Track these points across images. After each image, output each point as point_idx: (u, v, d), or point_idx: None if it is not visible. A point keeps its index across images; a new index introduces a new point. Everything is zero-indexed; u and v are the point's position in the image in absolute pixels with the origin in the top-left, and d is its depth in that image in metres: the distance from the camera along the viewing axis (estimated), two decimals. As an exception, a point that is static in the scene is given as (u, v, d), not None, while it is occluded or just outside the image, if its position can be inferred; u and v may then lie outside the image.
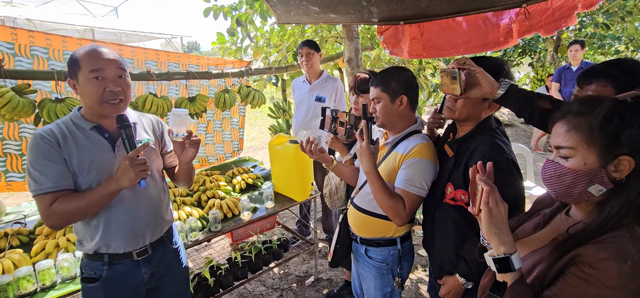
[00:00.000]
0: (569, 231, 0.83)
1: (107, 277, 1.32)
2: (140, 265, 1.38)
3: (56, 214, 1.19)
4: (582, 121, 0.78)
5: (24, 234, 2.09)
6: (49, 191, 1.18)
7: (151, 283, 1.44)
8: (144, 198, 1.36)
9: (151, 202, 1.39)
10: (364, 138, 1.32)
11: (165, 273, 1.48)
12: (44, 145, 1.19)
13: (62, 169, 1.21)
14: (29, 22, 6.39)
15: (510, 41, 2.40)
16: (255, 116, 10.70)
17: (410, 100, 1.44)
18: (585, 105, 0.79)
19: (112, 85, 1.24)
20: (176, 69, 2.93)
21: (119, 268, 1.34)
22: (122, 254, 1.33)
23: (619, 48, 8.58)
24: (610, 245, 0.74)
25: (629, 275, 0.69)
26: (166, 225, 1.49)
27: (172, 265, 1.51)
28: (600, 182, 0.77)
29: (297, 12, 2.40)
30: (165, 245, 1.48)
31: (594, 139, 0.76)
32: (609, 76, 1.12)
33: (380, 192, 1.31)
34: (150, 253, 1.41)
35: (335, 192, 2.06)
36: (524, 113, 1.14)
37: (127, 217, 1.32)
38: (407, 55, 2.77)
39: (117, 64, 1.26)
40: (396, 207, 1.31)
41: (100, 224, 1.29)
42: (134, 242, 1.35)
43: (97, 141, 1.27)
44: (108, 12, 10.12)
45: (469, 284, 1.29)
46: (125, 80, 1.29)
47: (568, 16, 2.00)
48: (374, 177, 1.32)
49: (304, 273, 2.97)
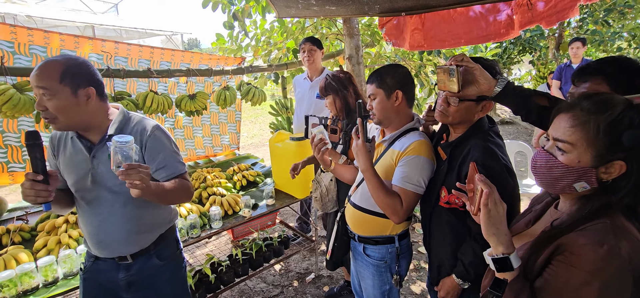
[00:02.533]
0: (553, 223, 0.84)
1: (90, 268, 1.39)
2: (120, 268, 1.37)
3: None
4: (591, 120, 0.76)
5: (26, 230, 2.10)
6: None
7: (129, 293, 1.38)
8: (118, 210, 1.30)
9: (127, 216, 1.31)
10: (360, 136, 1.31)
11: (144, 288, 1.39)
12: (48, 147, 1.29)
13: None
14: (29, 19, 6.39)
15: (512, 33, 2.38)
16: (255, 113, 10.70)
17: (406, 96, 1.44)
18: (598, 104, 0.77)
19: (38, 105, 1.18)
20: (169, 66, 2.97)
21: (100, 265, 1.38)
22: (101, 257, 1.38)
23: (622, 45, 8.54)
24: (590, 231, 0.75)
25: (605, 259, 0.70)
26: (149, 239, 1.38)
27: (154, 280, 1.41)
28: (587, 180, 0.78)
29: (297, 7, 2.39)
30: (149, 258, 1.39)
31: (597, 140, 0.76)
32: (604, 74, 1.11)
33: (377, 190, 1.31)
34: (131, 261, 1.36)
35: (327, 194, 2.05)
36: (521, 111, 1.14)
37: (90, 226, 1.32)
38: (409, 46, 2.75)
39: (37, 81, 1.14)
40: (393, 204, 1.31)
41: (84, 233, 1.37)
42: (106, 250, 1.34)
43: (77, 148, 1.30)
44: (108, 9, 10.11)
45: (465, 284, 1.31)
46: (46, 99, 1.15)
47: (570, 8, 1.97)
48: (371, 174, 1.31)
49: (305, 270, 2.98)
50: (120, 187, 1.26)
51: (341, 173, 1.72)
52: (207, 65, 3.27)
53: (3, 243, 2.01)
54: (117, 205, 1.31)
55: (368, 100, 1.49)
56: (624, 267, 0.70)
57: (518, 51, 8.35)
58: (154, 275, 1.41)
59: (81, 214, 1.35)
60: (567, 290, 0.75)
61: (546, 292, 0.78)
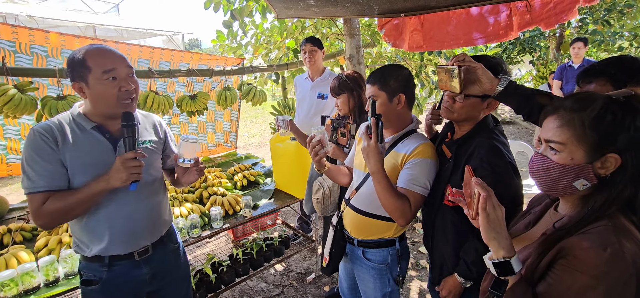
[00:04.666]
0: (555, 225, 0.84)
1: (107, 278, 1.30)
2: (141, 265, 1.36)
3: (46, 213, 1.15)
4: (575, 117, 0.78)
5: (27, 230, 2.11)
6: (41, 190, 1.15)
7: (152, 285, 1.42)
8: (143, 199, 1.33)
9: (150, 204, 1.37)
10: (372, 136, 1.27)
11: (166, 274, 1.46)
12: (41, 142, 1.15)
13: (56, 169, 1.17)
14: (30, 19, 6.41)
15: (510, 34, 2.38)
16: (256, 113, 10.71)
17: (407, 99, 1.42)
18: (579, 102, 0.80)
19: (126, 84, 1.21)
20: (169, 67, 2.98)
21: (118, 269, 1.31)
22: (123, 255, 1.31)
23: (623, 44, 8.52)
24: (592, 234, 0.75)
25: (609, 262, 0.70)
26: (166, 225, 1.47)
27: (173, 264, 1.49)
28: (585, 177, 0.78)
29: (296, 7, 2.40)
30: (165, 245, 1.46)
31: (585, 136, 0.77)
32: (608, 74, 1.12)
33: (386, 192, 1.28)
34: (151, 253, 1.39)
35: (329, 196, 2.01)
36: (523, 110, 1.14)
37: (127, 219, 1.29)
38: (408, 47, 2.76)
39: (127, 62, 1.23)
40: (402, 207, 1.28)
41: (106, 231, 1.27)
42: (134, 243, 1.33)
43: (97, 141, 1.23)
44: (109, 9, 10.13)
45: (467, 283, 1.30)
46: (134, 78, 1.26)
47: (569, 9, 1.97)
48: (381, 177, 1.27)
49: (305, 270, 2.98)
50: (145, 175, 1.31)
51: (335, 175, 1.66)
52: (206, 65, 3.27)
53: (4, 243, 2.02)
54: (144, 194, 1.34)
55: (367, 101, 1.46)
56: (628, 270, 0.70)
57: (517, 51, 8.35)
58: (172, 259, 1.49)
59: (105, 210, 1.26)
60: (571, 294, 0.74)
61: (549, 296, 0.78)
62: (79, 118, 1.24)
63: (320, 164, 1.54)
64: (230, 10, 3.76)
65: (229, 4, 3.76)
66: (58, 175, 1.18)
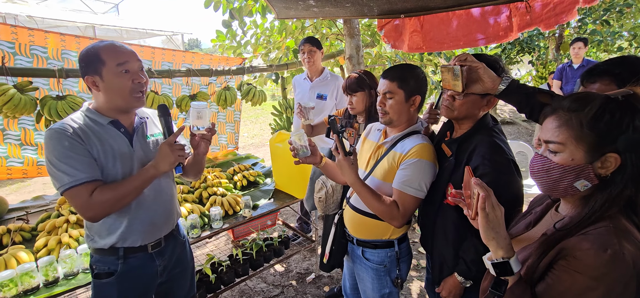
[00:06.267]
0: (556, 225, 0.84)
1: (122, 270, 1.32)
2: (154, 257, 1.40)
3: (96, 204, 1.17)
4: (573, 117, 0.78)
5: (26, 230, 2.10)
6: (85, 181, 1.16)
7: (163, 277, 1.46)
8: (161, 191, 1.38)
9: (166, 195, 1.42)
10: (340, 151, 1.30)
11: (174, 267, 1.50)
12: (69, 138, 1.16)
13: (90, 161, 1.19)
14: (30, 19, 6.41)
15: (510, 35, 2.38)
16: (256, 113, 10.71)
17: (421, 101, 1.42)
18: (577, 102, 0.79)
19: (137, 77, 1.25)
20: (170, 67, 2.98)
21: (133, 261, 1.34)
22: (138, 247, 1.34)
23: (622, 45, 8.53)
24: (593, 235, 0.75)
25: (609, 264, 0.70)
26: (177, 217, 1.52)
27: (181, 256, 1.54)
28: (586, 177, 0.78)
29: (296, 8, 2.40)
30: (175, 238, 1.51)
31: (584, 136, 0.77)
32: (612, 74, 1.12)
33: (370, 199, 1.31)
34: (164, 245, 1.43)
35: (332, 195, 2.01)
36: (525, 108, 1.14)
37: (148, 210, 1.34)
38: (407, 48, 2.76)
39: (137, 57, 1.27)
40: (389, 211, 1.30)
41: (124, 219, 1.29)
42: (151, 235, 1.37)
43: (117, 135, 1.27)
44: (109, 9, 10.13)
45: (467, 283, 1.30)
46: (144, 72, 1.31)
47: (569, 10, 1.98)
48: (360, 187, 1.31)
49: (305, 271, 2.98)
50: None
51: (330, 171, 1.64)
52: (208, 65, 3.27)
53: (4, 243, 2.02)
54: (161, 185, 1.38)
55: (379, 96, 1.44)
56: (628, 272, 0.70)
57: (516, 51, 8.35)
58: (180, 251, 1.53)
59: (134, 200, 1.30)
60: (570, 295, 0.74)
61: (548, 296, 0.78)
62: (93, 114, 1.26)
63: (314, 162, 1.51)
64: (229, 9, 3.77)
65: (228, 3, 3.76)
66: (94, 166, 1.20)
